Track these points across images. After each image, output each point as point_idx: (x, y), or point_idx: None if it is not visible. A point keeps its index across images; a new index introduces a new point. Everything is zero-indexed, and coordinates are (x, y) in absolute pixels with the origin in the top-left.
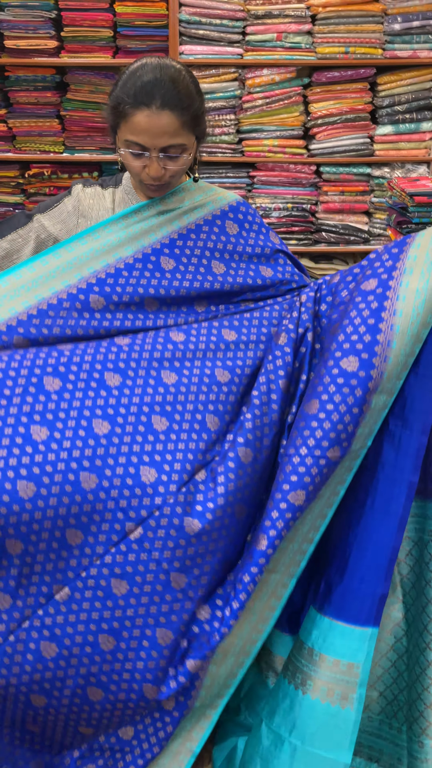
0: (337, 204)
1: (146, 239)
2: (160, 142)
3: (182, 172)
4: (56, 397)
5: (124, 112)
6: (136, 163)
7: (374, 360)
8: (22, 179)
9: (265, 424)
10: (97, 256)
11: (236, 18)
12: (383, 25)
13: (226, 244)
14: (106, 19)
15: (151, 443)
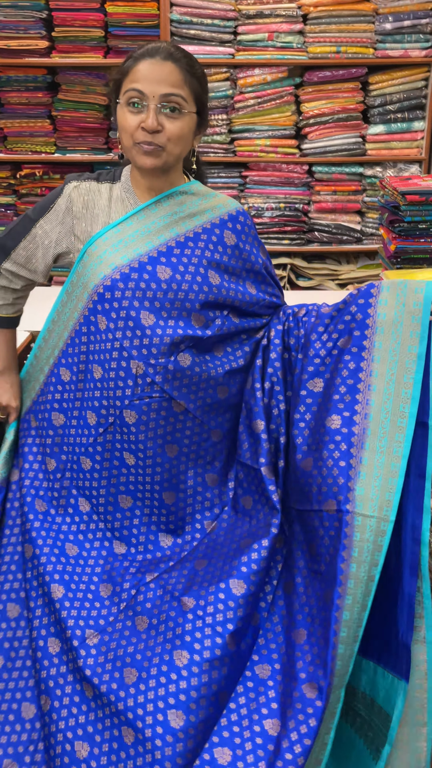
0: (329, 203)
1: (143, 247)
2: (159, 89)
3: (178, 140)
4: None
5: (127, 67)
6: (133, 119)
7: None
8: (14, 180)
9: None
10: (95, 270)
11: (227, 18)
12: (374, 24)
13: (223, 256)
14: (97, 19)
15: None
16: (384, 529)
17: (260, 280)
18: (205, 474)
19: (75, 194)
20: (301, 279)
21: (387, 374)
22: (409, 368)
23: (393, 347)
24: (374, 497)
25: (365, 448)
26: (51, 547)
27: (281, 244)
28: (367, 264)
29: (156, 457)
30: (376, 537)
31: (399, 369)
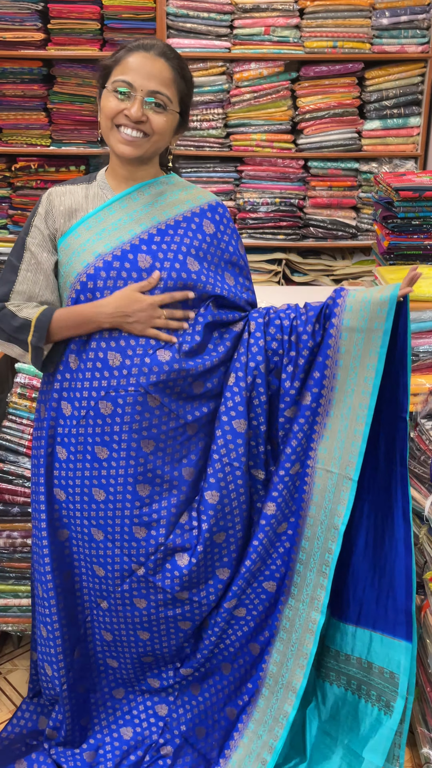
0: (324, 199)
1: (126, 235)
2: (149, 84)
3: (162, 133)
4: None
5: (119, 57)
6: (115, 104)
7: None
8: (9, 173)
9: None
10: (78, 258)
11: (224, 11)
12: (371, 19)
13: (202, 243)
14: (93, 11)
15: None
16: (347, 486)
17: (238, 273)
18: (182, 468)
19: (52, 197)
20: (296, 274)
21: (353, 350)
22: (374, 343)
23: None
24: (336, 456)
25: (330, 415)
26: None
27: (276, 240)
28: (363, 260)
29: (130, 451)
30: (338, 490)
31: (365, 344)
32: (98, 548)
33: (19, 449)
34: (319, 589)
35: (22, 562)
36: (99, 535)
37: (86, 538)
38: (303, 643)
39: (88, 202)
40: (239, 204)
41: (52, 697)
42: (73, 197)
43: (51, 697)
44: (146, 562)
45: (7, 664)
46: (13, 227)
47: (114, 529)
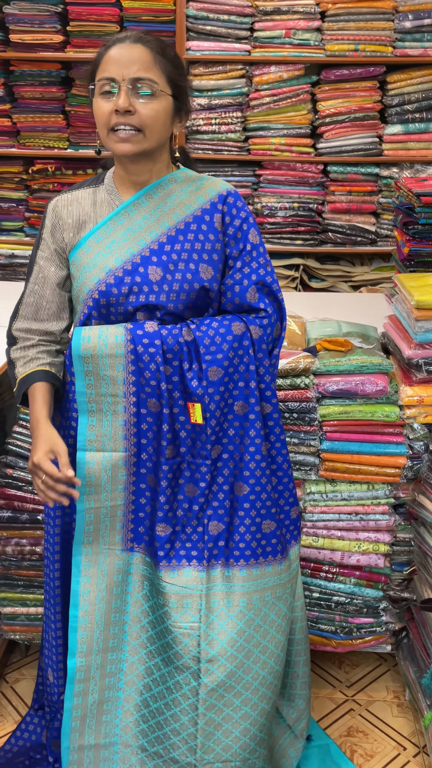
0: (344, 204)
1: (135, 246)
2: (129, 72)
3: (154, 123)
4: None
5: (98, 57)
6: (106, 106)
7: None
8: (26, 175)
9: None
10: (90, 274)
11: (244, 14)
12: (394, 22)
13: (215, 243)
14: (113, 13)
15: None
16: None
17: (248, 261)
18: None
19: (58, 207)
20: (314, 280)
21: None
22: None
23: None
24: None
25: None
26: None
27: (294, 245)
28: (382, 266)
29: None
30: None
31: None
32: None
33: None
34: None
35: (31, 570)
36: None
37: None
38: None
39: (96, 210)
40: (257, 208)
41: (52, 705)
42: (80, 206)
43: (51, 705)
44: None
45: (14, 673)
46: (29, 230)
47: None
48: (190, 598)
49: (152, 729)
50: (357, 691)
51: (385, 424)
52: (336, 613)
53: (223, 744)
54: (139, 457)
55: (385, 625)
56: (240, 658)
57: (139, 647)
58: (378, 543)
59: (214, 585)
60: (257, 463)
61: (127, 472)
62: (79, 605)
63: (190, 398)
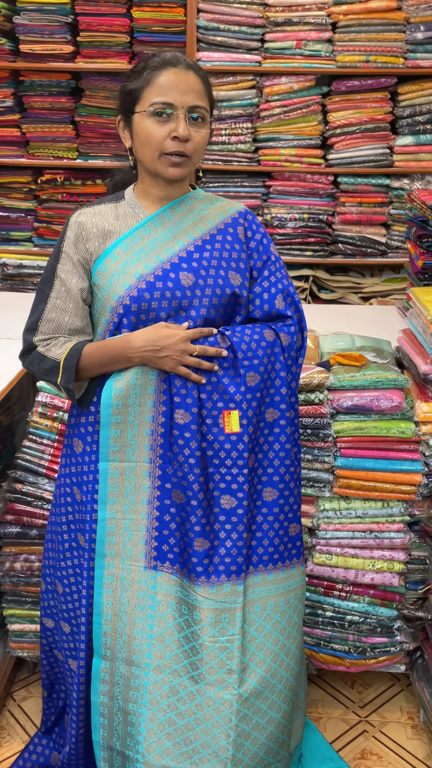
0: (354, 215)
1: (164, 254)
2: (188, 99)
3: (201, 151)
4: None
5: (148, 77)
6: (160, 130)
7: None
8: (35, 185)
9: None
10: (118, 281)
11: (255, 25)
12: (405, 33)
13: (240, 253)
14: (123, 24)
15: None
16: None
17: (272, 272)
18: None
19: (82, 219)
20: (324, 291)
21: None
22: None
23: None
24: None
25: None
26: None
27: (304, 256)
28: (392, 277)
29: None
30: None
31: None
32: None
33: (39, 470)
34: None
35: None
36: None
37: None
38: None
39: (120, 222)
40: (267, 219)
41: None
42: (104, 218)
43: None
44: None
45: (22, 690)
46: (38, 240)
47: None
48: (228, 612)
49: (178, 746)
50: (370, 712)
51: (400, 440)
52: (349, 632)
53: (251, 753)
54: (165, 470)
55: (399, 645)
56: (269, 662)
57: (163, 667)
58: (392, 561)
59: (251, 593)
60: (286, 468)
61: (152, 485)
62: (102, 613)
63: (226, 406)
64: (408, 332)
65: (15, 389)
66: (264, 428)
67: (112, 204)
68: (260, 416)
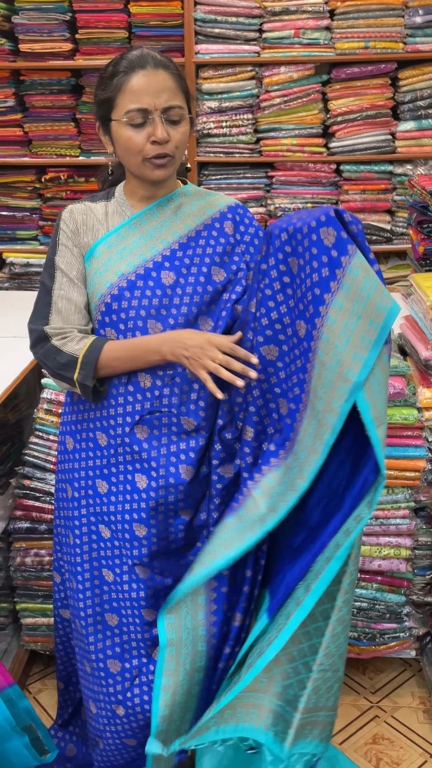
0: (358, 203)
1: (147, 253)
2: (161, 101)
3: (183, 147)
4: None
5: (118, 83)
6: (138, 136)
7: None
8: (39, 184)
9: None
10: (101, 279)
11: (252, 15)
12: (404, 18)
13: (226, 246)
14: (121, 20)
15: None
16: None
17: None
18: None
19: (74, 213)
20: None
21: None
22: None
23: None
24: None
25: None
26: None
27: None
28: (398, 264)
29: (169, 477)
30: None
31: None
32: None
33: (47, 465)
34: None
35: (50, 580)
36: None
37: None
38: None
39: (108, 219)
40: (270, 210)
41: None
42: (93, 215)
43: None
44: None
45: (37, 683)
46: (43, 238)
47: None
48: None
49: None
50: (382, 698)
51: (403, 427)
52: (358, 619)
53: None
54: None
55: (409, 631)
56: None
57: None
58: (399, 547)
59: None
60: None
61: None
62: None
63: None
64: (410, 318)
65: (22, 386)
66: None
67: (102, 202)
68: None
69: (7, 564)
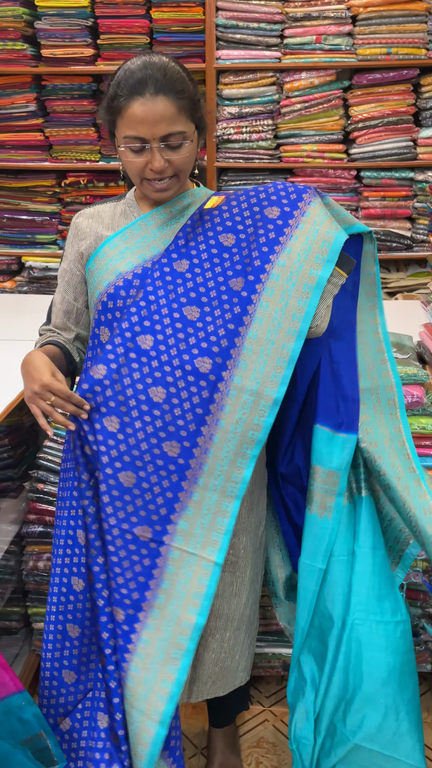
0: (378, 210)
1: (148, 252)
2: (158, 131)
3: (187, 166)
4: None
5: (118, 107)
6: (137, 161)
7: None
8: (59, 188)
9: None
10: (101, 278)
11: (274, 21)
12: (427, 24)
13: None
14: (143, 25)
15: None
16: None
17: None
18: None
19: (80, 219)
20: None
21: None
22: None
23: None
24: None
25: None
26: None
27: None
28: (418, 272)
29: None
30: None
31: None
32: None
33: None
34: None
35: None
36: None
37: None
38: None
39: (115, 221)
40: None
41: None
42: (100, 219)
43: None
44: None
45: None
46: (62, 242)
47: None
48: None
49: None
50: None
51: (421, 436)
52: None
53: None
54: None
55: (425, 644)
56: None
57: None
58: (416, 559)
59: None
60: None
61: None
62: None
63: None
64: (429, 326)
65: None
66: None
67: (112, 203)
68: None
69: (20, 568)
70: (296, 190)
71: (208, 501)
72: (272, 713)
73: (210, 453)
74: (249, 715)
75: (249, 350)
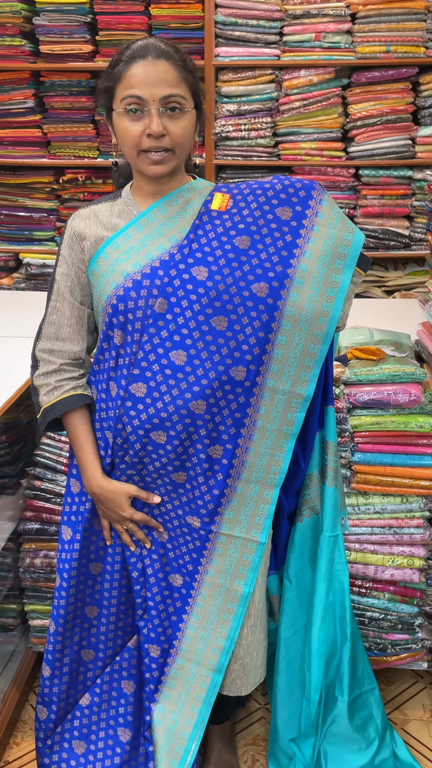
0: (376, 208)
1: (154, 251)
2: (158, 92)
3: (184, 140)
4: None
5: (118, 74)
6: (135, 127)
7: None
8: (57, 185)
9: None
10: (108, 280)
11: (273, 18)
12: (426, 22)
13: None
14: (141, 22)
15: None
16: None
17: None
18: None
19: (76, 221)
20: None
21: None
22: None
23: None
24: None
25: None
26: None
27: None
28: (416, 270)
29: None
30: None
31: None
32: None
33: (58, 467)
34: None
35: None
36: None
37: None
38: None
39: (114, 220)
40: None
41: None
42: (98, 219)
43: None
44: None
45: None
46: (59, 239)
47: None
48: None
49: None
50: (392, 710)
51: (418, 435)
52: (370, 629)
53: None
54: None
55: (421, 642)
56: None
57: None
58: (413, 557)
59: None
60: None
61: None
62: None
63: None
64: (427, 325)
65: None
66: None
67: (108, 203)
68: None
69: (17, 565)
70: (303, 187)
71: (251, 492)
72: (268, 710)
73: (250, 451)
74: (245, 712)
75: (279, 354)
